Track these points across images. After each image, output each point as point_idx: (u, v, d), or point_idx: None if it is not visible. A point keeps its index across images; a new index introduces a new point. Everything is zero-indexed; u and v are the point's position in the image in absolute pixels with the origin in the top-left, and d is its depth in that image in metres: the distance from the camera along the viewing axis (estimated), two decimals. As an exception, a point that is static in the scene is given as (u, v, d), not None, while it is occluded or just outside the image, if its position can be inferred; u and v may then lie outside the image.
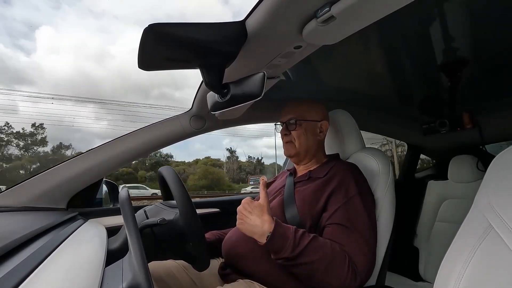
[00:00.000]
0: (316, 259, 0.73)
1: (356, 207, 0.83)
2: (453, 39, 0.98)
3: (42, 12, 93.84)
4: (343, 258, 0.75)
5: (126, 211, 0.60)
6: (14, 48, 76.13)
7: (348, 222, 0.80)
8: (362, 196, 0.86)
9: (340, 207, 0.82)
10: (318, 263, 0.73)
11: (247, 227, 0.78)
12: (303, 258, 0.73)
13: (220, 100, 0.65)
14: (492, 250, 0.41)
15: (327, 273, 0.74)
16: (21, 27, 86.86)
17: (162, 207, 0.86)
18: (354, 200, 0.84)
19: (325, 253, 0.74)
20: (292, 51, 0.68)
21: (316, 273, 0.74)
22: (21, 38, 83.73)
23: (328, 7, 0.50)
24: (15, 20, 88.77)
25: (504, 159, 0.48)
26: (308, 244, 0.74)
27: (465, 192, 1.67)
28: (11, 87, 58.48)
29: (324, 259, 0.74)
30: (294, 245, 0.73)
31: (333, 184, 0.87)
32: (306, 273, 0.75)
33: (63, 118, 37.60)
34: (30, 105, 36.71)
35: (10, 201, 0.99)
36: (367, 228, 0.82)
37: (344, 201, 0.83)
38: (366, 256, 0.79)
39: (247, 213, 0.78)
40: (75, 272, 0.48)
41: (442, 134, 1.55)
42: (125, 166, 1.23)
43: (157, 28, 0.50)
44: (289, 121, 1.00)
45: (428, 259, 1.72)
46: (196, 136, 1.28)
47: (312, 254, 0.74)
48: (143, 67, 0.59)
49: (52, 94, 54.46)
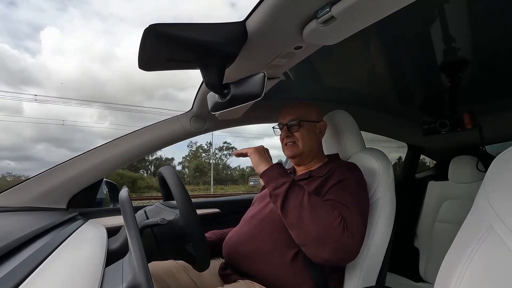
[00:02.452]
0: (306, 199, 0.76)
1: (349, 191, 0.84)
2: (453, 40, 0.97)
3: (47, 13, 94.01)
4: (332, 209, 0.77)
5: (126, 211, 0.60)
6: (21, 49, 76.26)
7: (340, 199, 0.81)
8: (357, 185, 0.87)
9: (336, 189, 0.84)
10: (308, 203, 0.76)
11: (259, 158, 0.88)
12: (295, 192, 0.78)
13: (220, 101, 0.65)
14: (492, 250, 0.41)
15: (315, 214, 0.74)
16: (26, 28, 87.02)
17: (162, 207, 0.86)
18: (350, 186, 0.85)
19: (316, 198, 0.79)
20: (293, 52, 0.68)
21: (304, 213, 0.75)
22: (26, 39, 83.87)
23: (329, 7, 0.50)
24: (19, 22, 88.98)
25: (504, 159, 0.47)
26: (301, 186, 0.81)
27: (465, 193, 1.67)
28: (17, 88, 58.63)
29: (314, 201, 0.77)
30: (291, 180, 0.80)
31: (332, 180, 0.88)
32: (295, 212, 0.76)
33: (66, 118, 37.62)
34: (35, 106, 36.73)
35: (10, 201, 1.00)
36: (357, 207, 0.81)
37: (340, 186, 0.85)
38: (356, 220, 0.78)
39: (265, 153, 0.92)
40: (75, 272, 0.48)
41: (443, 134, 1.55)
42: (125, 166, 1.23)
43: (157, 29, 0.50)
44: (290, 123, 1.00)
45: (429, 259, 1.72)
46: (196, 136, 1.28)
47: (303, 194, 0.78)
48: (144, 67, 0.59)
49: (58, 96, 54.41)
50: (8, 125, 48.93)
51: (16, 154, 49.74)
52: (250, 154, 0.90)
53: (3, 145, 48.84)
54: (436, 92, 1.48)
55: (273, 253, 0.84)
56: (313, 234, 0.74)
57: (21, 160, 48.41)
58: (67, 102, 35.90)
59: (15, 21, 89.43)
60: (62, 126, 34.37)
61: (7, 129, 49.07)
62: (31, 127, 46.36)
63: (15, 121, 47.01)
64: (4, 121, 45.10)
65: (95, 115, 51.74)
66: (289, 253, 0.83)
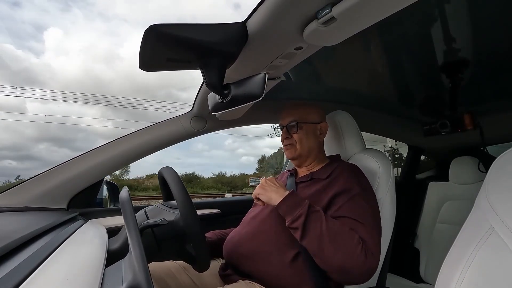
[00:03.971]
0: (325, 228, 0.76)
1: (360, 203, 0.83)
2: (454, 40, 0.97)
3: (51, 14, 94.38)
4: (352, 234, 0.77)
5: (127, 212, 0.60)
6: (25, 50, 76.58)
7: (354, 215, 0.81)
8: (365, 193, 0.86)
9: (345, 203, 0.83)
10: (327, 232, 0.75)
11: (267, 193, 0.86)
12: (312, 223, 0.76)
13: (220, 101, 0.65)
14: (493, 252, 0.41)
15: (336, 244, 0.74)
16: (30, 29, 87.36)
17: (162, 208, 0.86)
18: (358, 197, 0.84)
19: (334, 223, 0.78)
20: (293, 52, 0.68)
21: (325, 244, 0.74)
22: (30, 39, 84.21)
23: (329, 8, 0.50)
24: (23, 22, 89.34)
25: (505, 160, 0.47)
26: (318, 212, 0.79)
27: (466, 194, 1.66)
28: (21, 87, 58.82)
29: (333, 229, 0.76)
30: (307, 210, 0.78)
31: (336, 186, 0.87)
32: (315, 243, 0.75)
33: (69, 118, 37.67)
34: (39, 105, 36.83)
35: (10, 201, 1.00)
36: (372, 220, 0.82)
37: (348, 199, 0.84)
38: (374, 238, 0.79)
39: (271, 183, 0.88)
40: (76, 273, 0.48)
41: (443, 135, 1.55)
42: (125, 166, 1.23)
43: (158, 29, 0.50)
44: (289, 124, 1.00)
45: (429, 260, 1.72)
46: (197, 136, 1.28)
47: (321, 222, 0.76)
48: (144, 67, 0.59)
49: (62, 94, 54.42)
50: (10, 124, 49.05)
51: (18, 153, 49.84)
52: (259, 195, 0.87)
53: (4, 145, 48.95)
54: (436, 93, 1.48)
55: (273, 253, 0.84)
56: (336, 264, 0.74)
57: (23, 159, 48.51)
58: (70, 100, 35.79)
59: (18, 22, 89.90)
60: (64, 125, 34.39)
61: (9, 128, 49.18)
62: (33, 127, 46.47)
63: (16, 120, 47.02)
64: (7, 120, 45.16)
65: (98, 115, 51.83)
66: (289, 254, 0.83)
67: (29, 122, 50.84)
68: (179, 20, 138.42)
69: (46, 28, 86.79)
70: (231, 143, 71.67)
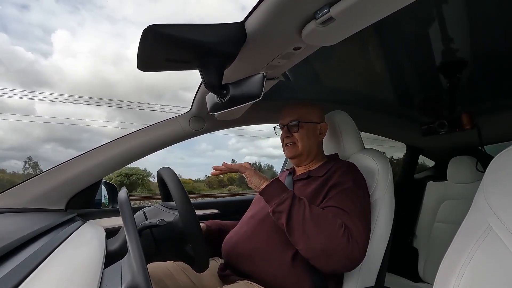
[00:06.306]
0: (308, 213, 0.77)
1: (349, 196, 0.84)
2: (452, 40, 0.98)
3: (59, 16, 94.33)
4: (335, 219, 0.77)
5: (125, 212, 0.60)
6: (34, 52, 76.63)
7: (340, 205, 0.81)
8: (357, 188, 0.87)
9: (335, 195, 0.84)
10: (310, 216, 0.76)
11: (257, 175, 0.85)
12: (296, 207, 0.77)
13: (219, 101, 0.65)
14: (491, 251, 0.41)
15: (319, 227, 0.75)
16: (38, 31, 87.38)
17: (161, 208, 0.85)
18: (348, 191, 0.85)
19: (318, 210, 0.79)
20: (292, 52, 0.68)
21: (308, 227, 0.75)
22: (38, 41, 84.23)
23: (327, 8, 0.50)
24: (31, 25, 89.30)
25: (503, 160, 0.48)
26: (302, 200, 0.80)
27: (464, 193, 1.67)
28: (31, 89, 58.76)
29: (316, 213, 0.77)
30: (292, 194, 0.80)
31: (331, 181, 0.88)
32: (300, 227, 0.76)
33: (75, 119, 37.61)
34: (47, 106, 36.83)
35: (9, 202, 0.99)
36: (359, 212, 0.82)
37: (338, 191, 0.85)
38: (358, 227, 0.78)
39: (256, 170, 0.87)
40: (74, 274, 0.47)
41: (441, 135, 1.55)
42: (124, 167, 1.23)
43: (156, 29, 0.50)
44: (290, 123, 1.00)
45: (427, 260, 1.73)
46: (196, 136, 1.28)
47: (305, 207, 0.78)
48: (142, 68, 0.59)
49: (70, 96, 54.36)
50: (18, 125, 48.94)
51: (24, 154, 49.66)
52: (248, 173, 0.85)
53: (11, 145, 48.80)
54: (434, 93, 1.48)
55: (272, 253, 0.84)
56: (319, 247, 0.74)
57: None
58: (77, 101, 35.61)
59: (26, 24, 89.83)
60: (69, 126, 34.23)
61: (17, 129, 49.08)
62: (40, 127, 46.37)
63: (25, 121, 46.78)
64: (16, 121, 44.98)
65: (104, 116, 51.80)
66: (288, 253, 0.83)
67: (37, 123, 50.72)
68: (186, 21, 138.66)
69: (54, 30, 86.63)
70: (235, 143, 71.67)
